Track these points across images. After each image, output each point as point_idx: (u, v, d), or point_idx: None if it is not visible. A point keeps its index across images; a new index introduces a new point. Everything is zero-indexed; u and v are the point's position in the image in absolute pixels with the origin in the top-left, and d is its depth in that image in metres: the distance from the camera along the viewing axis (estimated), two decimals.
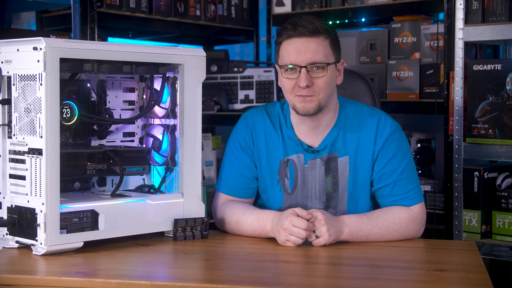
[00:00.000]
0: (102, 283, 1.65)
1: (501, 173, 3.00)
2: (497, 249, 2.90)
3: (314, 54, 2.06)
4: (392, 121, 2.18)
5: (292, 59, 2.07)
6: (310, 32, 2.06)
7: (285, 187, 2.20)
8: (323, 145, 2.16)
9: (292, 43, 2.08)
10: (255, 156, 2.23)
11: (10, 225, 1.92)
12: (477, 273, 1.73)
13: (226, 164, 2.26)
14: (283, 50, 2.10)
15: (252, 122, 2.24)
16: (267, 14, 3.88)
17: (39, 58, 1.81)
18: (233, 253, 2.00)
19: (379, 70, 3.40)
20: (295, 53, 2.06)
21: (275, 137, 2.21)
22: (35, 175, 1.85)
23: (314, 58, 2.06)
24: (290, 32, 2.07)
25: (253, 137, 2.23)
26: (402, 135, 2.18)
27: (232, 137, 2.27)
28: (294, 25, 2.07)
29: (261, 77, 3.59)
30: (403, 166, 2.14)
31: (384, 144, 2.14)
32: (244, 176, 2.22)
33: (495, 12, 2.91)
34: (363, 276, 1.75)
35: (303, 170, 2.18)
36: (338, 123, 2.17)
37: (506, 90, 2.86)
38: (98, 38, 3.02)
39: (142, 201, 2.03)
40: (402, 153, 2.15)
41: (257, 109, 2.28)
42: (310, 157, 2.17)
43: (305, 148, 2.18)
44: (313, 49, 2.06)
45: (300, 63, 2.06)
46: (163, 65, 2.08)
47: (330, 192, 2.17)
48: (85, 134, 2.11)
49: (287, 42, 2.09)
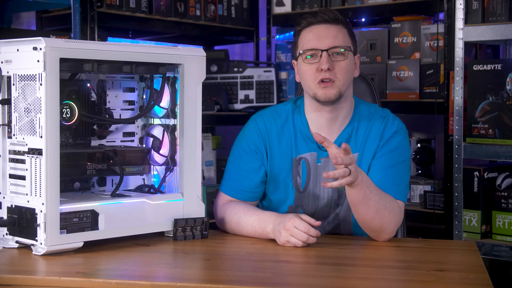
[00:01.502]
0: (102, 283, 1.65)
1: (501, 173, 3.00)
2: (497, 249, 2.90)
3: (335, 39, 2.11)
4: (399, 122, 2.20)
5: (313, 44, 2.11)
6: (331, 19, 2.12)
7: (297, 185, 2.19)
8: (338, 142, 2.15)
9: (312, 30, 2.13)
10: (266, 159, 2.20)
11: (10, 225, 1.92)
12: (477, 273, 1.73)
13: (231, 166, 2.24)
14: (303, 37, 2.14)
15: (263, 125, 2.22)
16: (267, 14, 3.88)
17: (39, 58, 1.81)
18: (233, 253, 2.00)
19: (379, 70, 3.39)
20: (316, 38, 2.11)
21: (287, 135, 2.20)
22: (35, 175, 1.85)
23: (335, 42, 2.10)
24: (310, 19, 2.13)
25: (265, 141, 2.21)
26: (405, 137, 2.20)
27: (240, 139, 2.25)
28: (314, 14, 2.13)
29: (261, 77, 3.59)
30: (397, 163, 2.14)
31: (387, 141, 2.15)
32: (248, 179, 2.21)
33: (495, 12, 2.90)
34: (363, 276, 1.75)
35: (316, 169, 2.18)
36: (352, 121, 2.18)
37: (506, 90, 2.86)
38: (98, 38, 3.02)
39: (142, 201, 2.03)
40: (401, 152, 2.16)
41: (266, 111, 2.26)
42: (323, 155, 2.16)
43: (319, 146, 2.17)
44: (334, 34, 2.11)
45: (322, 47, 2.10)
46: (163, 65, 2.08)
47: (341, 189, 2.16)
48: (85, 134, 2.11)
49: (307, 29, 2.13)
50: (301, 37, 2.15)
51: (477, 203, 2.96)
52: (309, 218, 2.00)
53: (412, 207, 3.26)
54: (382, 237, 2.07)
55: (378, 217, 2.03)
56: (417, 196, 3.28)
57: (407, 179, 2.17)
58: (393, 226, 2.07)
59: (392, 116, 2.21)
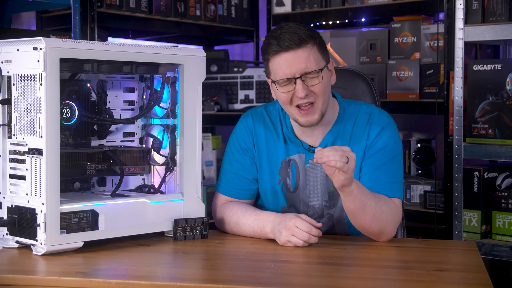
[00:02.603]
0: (102, 283, 1.65)
1: (501, 173, 3.00)
2: (497, 249, 2.90)
3: (306, 63, 2.03)
4: (385, 116, 2.18)
5: (285, 72, 2.04)
6: (296, 44, 2.03)
7: (288, 186, 2.20)
8: (323, 144, 2.16)
9: (281, 58, 2.05)
10: (255, 157, 2.23)
11: (10, 225, 1.92)
12: (477, 273, 1.73)
13: (226, 165, 2.26)
14: (274, 65, 2.07)
15: (252, 123, 2.24)
16: (267, 14, 3.88)
17: (39, 58, 1.81)
18: (233, 253, 2.00)
19: (379, 70, 3.39)
20: (287, 67, 2.04)
21: (276, 137, 2.21)
22: (35, 175, 1.85)
23: (306, 67, 2.03)
24: (276, 48, 2.04)
25: (253, 138, 2.23)
26: (394, 131, 2.17)
27: (232, 138, 2.27)
28: (277, 40, 2.04)
29: (261, 77, 3.59)
30: (388, 160, 2.13)
31: (374, 139, 2.14)
32: (243, 177, 2.22)
33: (495, 12, 2.90)
34: (363, 276, 1.75)
35: (305, 170, 2.18)
36: (338, 122, 2.17)
37: (506, 90, 2.85)
38: (98, 38, 3.02)
39: (142, 201, 2.03)
40: (391, 148, 2.14)
41: (256, 109, 2.27)
42: (311, 156, 2.16)
43: (305, 148, 2.18)
44: (304, 59, 2.03)
45: (294, 74, 2.04)
46: (163, 65, 2.08)
47: (331, 190, 2.16)
48: (85, 134, 2.11)
49: (275, 57, 2.06)
50: (272, 65, 2.08)
51: (477, 203, 2.96)
52: (310, 219, 2.00)
53: (412, 207, 3.26)
54: (383, 238, 2.07)
55: (376, 222, 2.03)
56: (417, 196, 3.28)
57: (401, 174, 2.16)
58: (392, 227, 2.07)
59: (377, 110, 2.18)
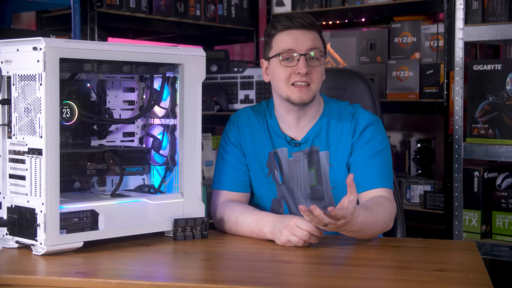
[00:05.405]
0: (102, 283, 1.65)
1: (501, 173, 3.00)
2: (497, 249, 2.90)
3: (313, 43, 2.14)
4: (370, 115, 2.22)
5: (291, 46, 2.13)
6: (308, 24, 2.14)
7: (276, 178, 2.23)
8: (305, 139, 2.20)
9: (289, 34, 2.15)
10: (244, 151, 2.27)
11: (10, 225, 1.92)
12: (477, 273, 1.73)
13: (220, 162, 2.29)
14: (279, 40, 2.15)
15: (237, 120, 2.30)
16: (267, 14, 3.88)
17: (39, 58, 1.81)
18: (233, 253, 2.00)
19: (379, 70, 3.40)
20: (293, 41, 2.13)
21: (261, 130, 2.26)
22: (35, 175, 1.85)
23: (313, 46, 2.13)
24: (287, 23, 2.14)
25: (240, 134, 2.27)
26: (379, 127, 2.21)
27: (223, 137, 2.33)
28: (290, 18, 2.15)
29: (261, 77, 3.59)
30: (376, 152, 2.15)
31: (360, 134, 2.18)
32: (238, 168, 2.25)
33: (495, 12, 2.90)
34: (363, 276, 1.75)
35: (288, 163, 2.22)
36: (322, 118, 2.22)
37: (506, 90, 2.86)
38: (98, 38, 3.02)
39: (142, 201, 2.03)
40: (377, 141, 2.17)
41: (243, 109, 2.34)
42: (293, 150, 2.21)
43: (287, 141, 2.21)
44: (311, 39, 2.14)
45: (300, 51, 2.12)
46: (163, 65, 2.08)
47: (314, 184, 2.20)
48: (85, 134, 2.11)
49: (284, 33, 2.15)
50: (277, 40, 2.16)
51: (477, 203, 2.96)
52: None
53: (412, 207, 3.26)
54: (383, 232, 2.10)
55: (376, 232, 2.05)
56: (417, 196, 3.28)
57: (390, 166, 2.19)
58: (390, 223, 2.09)
59: (361, 110, 2.23)
